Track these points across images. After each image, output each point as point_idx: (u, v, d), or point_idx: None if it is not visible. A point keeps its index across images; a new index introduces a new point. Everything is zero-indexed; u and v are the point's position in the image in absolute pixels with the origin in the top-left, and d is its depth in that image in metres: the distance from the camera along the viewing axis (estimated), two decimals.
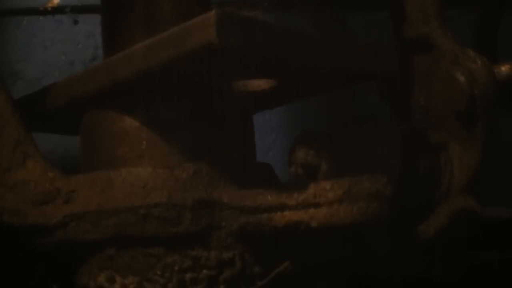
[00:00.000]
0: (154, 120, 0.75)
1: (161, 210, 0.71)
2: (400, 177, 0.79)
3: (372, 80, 0.87)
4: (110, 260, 0.73)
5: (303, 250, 0.75)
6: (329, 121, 1.13)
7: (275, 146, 1.22)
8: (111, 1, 0.83)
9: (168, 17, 0.79)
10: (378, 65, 0.79)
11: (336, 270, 0.80)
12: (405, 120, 0.87)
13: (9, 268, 0.78)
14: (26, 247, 0.75)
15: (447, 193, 0.82)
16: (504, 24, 1.06)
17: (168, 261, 0.72)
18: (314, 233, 0.73)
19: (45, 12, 1.22)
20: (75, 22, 1.23)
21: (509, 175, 1.18)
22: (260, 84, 0.79)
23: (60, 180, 0.75)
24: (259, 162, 0.82)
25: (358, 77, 0.83)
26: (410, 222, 0.80)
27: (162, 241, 0.72)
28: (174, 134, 0.75)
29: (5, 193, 0.75)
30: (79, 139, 0.82)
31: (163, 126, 0.75)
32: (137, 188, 0.72)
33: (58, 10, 1.22)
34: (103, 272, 0.73)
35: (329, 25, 1.30)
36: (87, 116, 0.80)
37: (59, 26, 1.23)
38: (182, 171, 0.73)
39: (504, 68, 0.83)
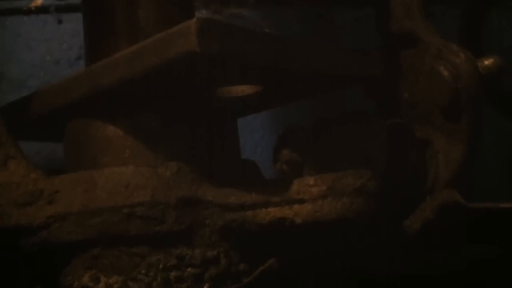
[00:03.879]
0: (137, 128, 0.75)
1: (144, 209, 0.71)
2: (385, 172, 0.79)
3: (358, 84, 0.87)
4: (94, 260, 0.72)
5: (288, 247, 0.75)
6: (316, 118, 1.13)
7: (263, 144, 1.22)
8: (93, 7, 0.82)
9: (151, 23, 0.79)
10: (364, 70, 0.79)
11: (322, 266, 0.80)
12: (391, 115, 0.87)
13: None
14: (10, 249, 0.74)
15: (433, 188, 0.82)
16: (491, 19, 1.06)
17: (152, 260, 0.72)
18: (299, 229, 0.73)
19: (29, 12, 1.22)
20: (60, 22, 1.23)
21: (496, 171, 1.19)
22: (244, 89, 0.80)
23: (43, 181, 0.75)
24: (243, 160, 0.82)
25: (344, 82, 0.83)
26: (396, 217, 0.80)
27: (146, 240, 0.71)
28: (158, 141, 0.75)
29: None
30: (62, 147, 0.81)
31: (147, 133, 0.75)
32: (120, 187, 0.72)
33: (42, 9, 1.22)
34: (88, 272, 0.72)
35: (316, 21, 1.30)
36: (70, 124, 0.79)
37: (44, 26, 1.23)
38: (165, 170, 0.73)
39: (487, 62, 0.83)
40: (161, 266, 0.72)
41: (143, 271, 0.72)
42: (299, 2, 1.27)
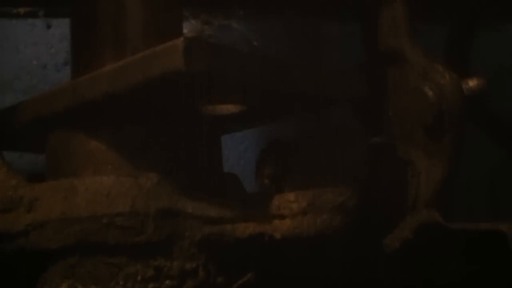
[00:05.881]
0: (120, 142, 0.75)
1: (124, 218, 0.71)
2: (366, 189, 0.79)
3: (343, 104, 0.87)
4: (72, 269, 0.72)
5: (267, 261, 0.75)
6: (300, 131, 1.13)
7: (246, 156, 1.22)
8: (80, 17, 0.82)
9: (138, 35, 0.79)
10: (349, 91, 0.79)
11: (301, 282, 0.80)
12: (373, 133, 0.87)
13: None
14: None
15: (413, 206, 0.82)
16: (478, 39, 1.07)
17: (130, 270, 0.71)
18: (277, 244, 0.73)
19: (17, 15, 1.21)
20: (48, 26, 1.22)
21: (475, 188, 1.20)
22: (228, 108, 0.80)
23: (23, 188, 0.74)
24: (225, 173, 0.82)
25: (329, 102, 0.83)
26: (376, 235, 0.80)
27: (124, 250, 0.71)
28: (140, 156, 0.75)
29: None
30: (45, 159, 0.81)
31: (129, 148, 0.75)
32: (101, 196, 0.72)
33: (31, 14, 1.21)
34: (65, 281, 0.72)
35: (303, 35, 1.31)
36: (53, 136, 0.79)
37: (32, 30, 1.22)
38: (146, 180, 0.72)
39: (471, 83, 0.84)
40: (139, 277, 0.71)
41: (121, 282, 0.71)
42: (287, 15, 1.27)
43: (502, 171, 1.27)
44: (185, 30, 1.02)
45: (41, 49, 1.22)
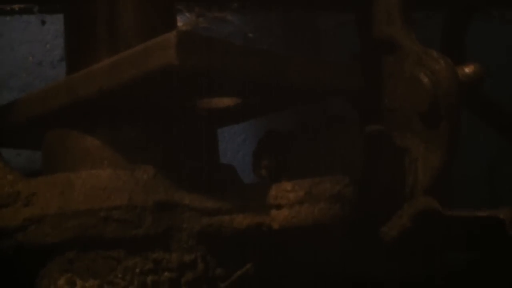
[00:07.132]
0: (116, 138, 0.75)
1: (121, 212, 0.71)
2: (363, 178, 0.79)
3: (339, 96, 0.87)
4: (70, 264, 0.72)
5: (266, 252, 0.75)
6: (298, 122, 1.13)
7: (244, 148, 1.22)
8: (74, 14, 0.82)
9: (132, 32, 0.79)
10: (344, 83, 0.79)
11: (300, 272, 0.80)
12: (370, 121, 0.87)
13: None
14: None
15: (411, 194, 0.82)
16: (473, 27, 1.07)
17: (128, 263, 0.71)
18: (275, 234, 0.73)
19: (12, 12, 1.21)
20: (43, 23, 1.22)
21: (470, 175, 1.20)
22: (224, 101, 0.80)
23: (20, 183, 0.74)
24: (222, 164, 0.82)
25: (325, 94, 0.83)
26: (374, 224, 0.80)
27: (122, 243, 0.71)
28: (136, 151, 0.75)
29: None
30: (41, 156, 0.81)
31: (125, 144, 0.75)
32: (98, 190, 0.72)
33: (26, 10, 1.21)
34: (63, 275, 0.72)
35: (299, 26, 1.30)
36: (49, 134, 0.79)
37: (27, 27, 1.22)
38: (142, 173, 0.72)
39: (467, 69, 0.84)
40: (137, 270, 0.72)
41: (119, 275, 0.71)
42: (282, 6, 1.27)
43: (502, 161, 1.27)
44: (179, 23, 1.02)
45: (36, 46, 1.22)
